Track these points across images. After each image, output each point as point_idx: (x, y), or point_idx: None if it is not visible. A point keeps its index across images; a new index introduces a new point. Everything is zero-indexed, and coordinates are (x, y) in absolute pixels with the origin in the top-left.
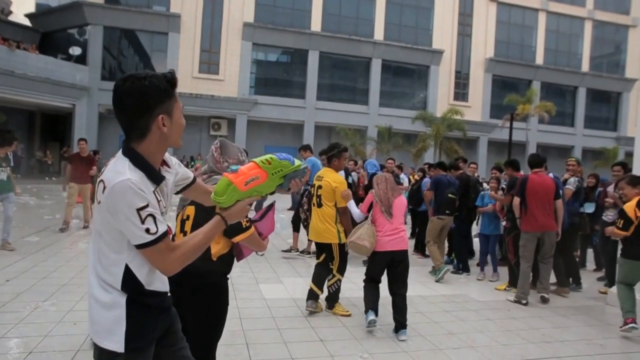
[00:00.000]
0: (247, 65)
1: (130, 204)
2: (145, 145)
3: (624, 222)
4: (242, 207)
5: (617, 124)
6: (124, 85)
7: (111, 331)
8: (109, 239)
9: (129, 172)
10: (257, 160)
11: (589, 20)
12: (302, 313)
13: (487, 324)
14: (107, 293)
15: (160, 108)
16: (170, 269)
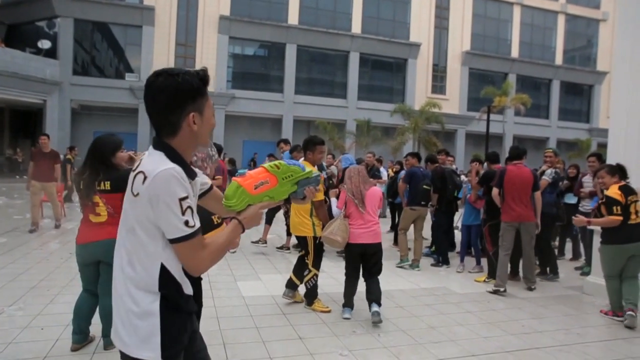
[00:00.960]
0: (223, 59)
1: (174, 192)
2: (176, 141)
3: (621, 207)
4: (255, 212)
5: (589, 116)
6: (156, 81)
7: (145, 340)
8: (144, 235)
9: (170, 163)
10: (266, 165)
11: (561, 14)
12: (281, 310)
13: (468, 317)
14: (139, 300)
15: (191, 105)
16: (201, 267)
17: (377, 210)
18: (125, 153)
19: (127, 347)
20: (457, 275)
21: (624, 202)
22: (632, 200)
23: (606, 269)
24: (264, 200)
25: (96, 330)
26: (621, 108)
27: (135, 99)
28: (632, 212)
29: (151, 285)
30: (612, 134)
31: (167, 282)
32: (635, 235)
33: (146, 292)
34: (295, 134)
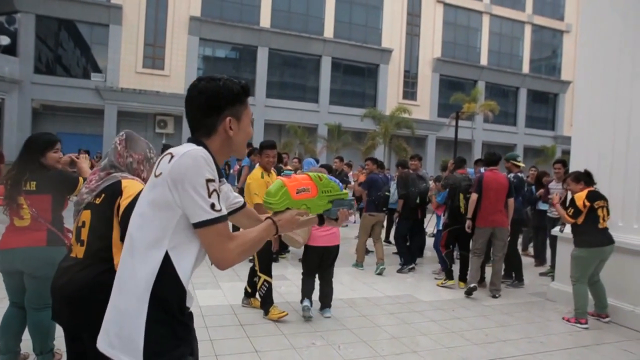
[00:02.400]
0: (193, 61)
1: (200, 172)
2: (209, 143)
3: (574, 211)
4: (292, 217)
5: (555, 124)
6: (199, 84)
7: (127, 341)
8: (154, 217)
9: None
10: (310, 174)
11: (528, 24)
12: (238, 321)
13: (431, 326)
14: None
15: (229, 110)
16: (227, 259)
17: None
18: (61, 154)
19: (108, 349)
20: (423, 282)
21: (586, 208)
22: (599, 205)
23: (578, 272)
24: (302, 208)
25: (27, 347)
26: (583, 116)
27: (101, 99)
28: (600, 216)
29: (147, 276)
30: (574, 141)
31: (167, 276)
32: (609, 239)
33: (138, 286)
34: (267, 138)
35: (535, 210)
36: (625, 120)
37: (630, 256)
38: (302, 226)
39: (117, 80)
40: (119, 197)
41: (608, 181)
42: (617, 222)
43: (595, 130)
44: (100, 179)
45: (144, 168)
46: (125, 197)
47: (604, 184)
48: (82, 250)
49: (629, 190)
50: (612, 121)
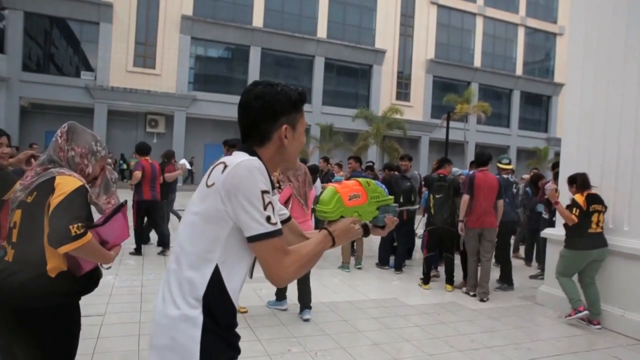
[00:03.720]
0: (185, 60)
1: (256, 184)
2: (261, 152)
3: (580, 212)
4: (348, 226)
5: (547, 126)
6: (255, 89)
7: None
8: (204, 229)
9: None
10: (360, 179)
11: (521, 26)
12: None
13: (415, 332)
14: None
15: (285, 117)
16: (285, 275)
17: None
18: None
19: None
20: (409, 284)
21: (585, 208)
22: (595, 209)
23: (563, 269)
24: (354, 215)
25: None
26: (573, 118)
27: (91, 98)
28: (593, 221)
29: (196, 289)
30: (564, 143)
31: (216, 291)
32: (598, 242)
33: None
34: None
35: (532, 213)
36: (617, 122)
37: (621, 259)
38: (355, 236)
39: (108, 79)
40: (51, 194)
41: (599, 183)
42: (607, 224)
43: (586, 132)
44: (36, 174)
45: (89, 162)
46: (57, 194)
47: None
48: (12, 253)
49: (620, 193)
50: (603, 123)
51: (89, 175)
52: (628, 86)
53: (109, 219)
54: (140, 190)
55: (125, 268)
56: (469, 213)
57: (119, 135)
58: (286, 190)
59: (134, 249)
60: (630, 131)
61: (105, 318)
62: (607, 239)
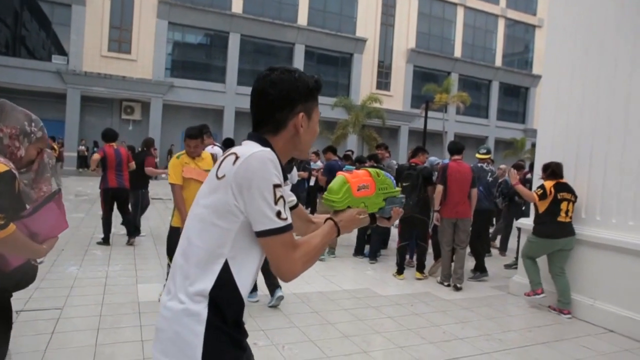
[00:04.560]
0: (162, 46)
1: (268, 177)
2: (274, 141)
3: (542, 192)
4: (353, 217)
5: (525, 117)
6: (271, 74)
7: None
8: (216, 225)
9: (266, 147)
10: (370, 170)
11: (502, 17)
12: None
13: (386, 323)
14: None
15: (302, 105)
16: (294, 270)
17: None
18: None
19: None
20: (384, 274)
21: (552, 195)
22: (563, 197)
23: (527, 251)
24: (360, 206)
25: None
26: (549, 110)
27: (63, 83)
28: (562, 209)
29: (203, 283)
30: (540, 134)
31: (226, 287)
32: (565, 232)
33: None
34: (238, 126)
35: (511, 203)
36: (592, 114)
37: (592, 249)
38: (358, 226)
39: (81, 64)
40: None
41: (573, 173)
42: (580, 215)
43: (562, 123)
44: None
45: (20, 144)
46: None
47: (569, 176)
48: None
49: (593, 183)
50: (579, 114)
51: (22, 159)
52: (603, 78)
53: (39, 208)
54: (106, 178)
55: (90, 258)
56: (444, 203)
57: (93, 122)
58: None
59: (102, 238)
60: (604, 123)
61: (63, 312)
62: (579, 228)
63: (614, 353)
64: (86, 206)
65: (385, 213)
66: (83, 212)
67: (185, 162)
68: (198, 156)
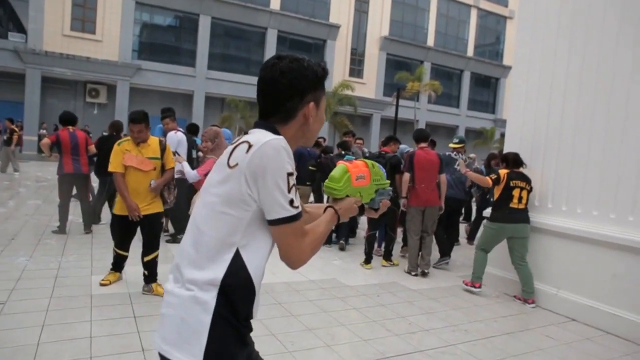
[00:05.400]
0: (129, 27)
1: (283, 166)
2: (284, 130)
3: (496, 177)
4: (351, 205)
5: (495, 107)
6: (279, 62)
7: (187, 339)
8: (227, 213)
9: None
10: (367, 161)
11: (474, 8)
12: (132, 312)
13: (352, 315)
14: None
15: (312, 95)
16: (304, 256)
17: None
18: None
19: (165, 346)
20: (351, 264)
21: (504, 181)
22: (516, 185)
23: (482, 241)
24: (356, 195)
25: None
26: (519, 100)
27: (21, 63)
28: (515, 195)
29: (214, 272)
30: (509, 124)
31: (238, 276)
32: (516, 218)
33: (204, 281)
34: (208, 111)
35: (484, 192)
36: (560, 105)
37: (557, 238)
38: (352, 215)
39: (41, 43)
40: None
41: (541, 163)
42: (546, 204)
43: (530, 113)
44: None
45: None
46: None
47: (537, 166)
48: None
49: (560, 172)
50: (547, 105)
51: None
52: (571, 70)
53: None
54: (61, 163)
55: (43, 248)
56: (412, 191)
57: (56, 105)
58: (210, 162)
59: (57, 226)
60: (571, 114)
61: (5, 307)
62: (545, 218)
63: (576, 342)
64: (45, 192)
65: (375, 204)
66: (40, 198)
67: (126, 149)
68: (143, 142)
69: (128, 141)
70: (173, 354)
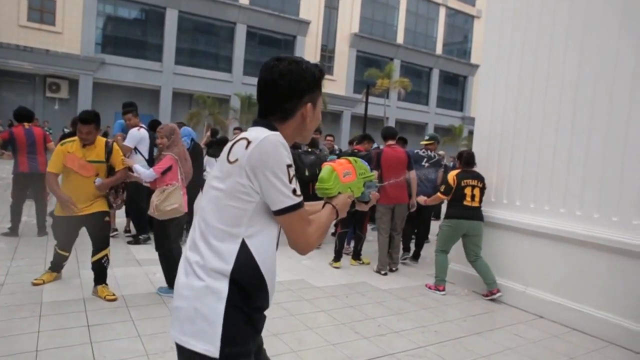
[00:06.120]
0: (92, 18)
1: (281, 159)
2: (282, 128)
3: (445, 188)
4: (345, 200)
5: (463, 105)
6: (279, 65)
7: (203, 327)
8: (231, 207)
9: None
10: (350, 158)
11: (443, 6)
12: (86, 321)
13: (320, 318)
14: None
15: (309, 95)
16: (312, 241)
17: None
18: None
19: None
20: (320, 264)
21: (454, 185)
22: (467, 184)
23: (441, 242)
24: (348, 191)
25: None
26: (487, 98)
27: None
28: (467, 194)
29: (224, 262)
30: (478, 122)
31: (247, 267)
32: (470, 215)
33: (215, 271)
34: (175, 107)
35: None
36: (527, 102)
37: (525, 236)
38: (349, 199)
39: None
40: None
41: (509, 161)
42: (515, 202)
43: (498, 112)
44: None
45: None
46: None
47: (505, 163)
48: None
49: (528, 170)
50: (515, 103)
51: None
52: (538, 69)
53: None
54: (17, 162)
55: None
56: (381, 189)
57: (13, 100)
58: (167, 159)
59: (9, 228)
60: (539, 111)
61: None
62: (513, 215)
63: (543, 340)
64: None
65: (365, 197)
66: None
67: (68, 151)
68: (90, 144)
69: (73, 142)
70: (191, 343)
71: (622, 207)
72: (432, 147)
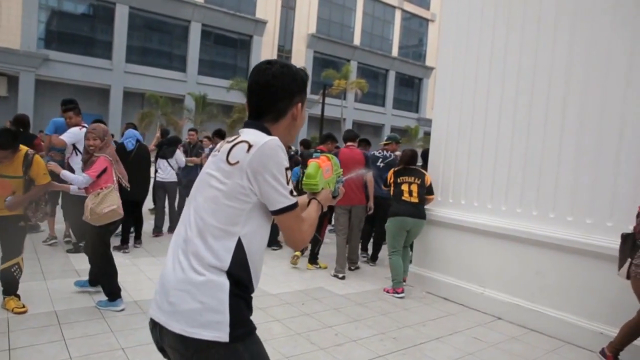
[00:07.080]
0: (33, 12)
1: (280, 162)
2: (274, 128)
3: (384, 183)
4: (327, 195)
5: (418, 107)
6: (272, 68)
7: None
8: (229, 206)
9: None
10: (328, 155)
11: (399, 9)
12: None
13: (275, 328)
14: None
15: (299, 96)
16: (306, 237)
17: None
18: None
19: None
20: (274, 269)
21: (391, 181)
22: (403, 181)
23: (390, 243)
24: (327, 187)
25: None
26: (444, 101)
27: None
28: (405, 190)
29: (223, 260)
30: (435, 125)
31: (240, 262)
32: (412, 212)
33: (213, 267)
34: (127, 107)
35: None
36: (483, 105)
37: (482, 237)
38: (329, 204)
39: None
40: None
41: (467, 162)
42: (472, 203)
43: (455, 113)
44: None
45: None
46: None
47: (462, 165)
48: None
49: (485, 171)
50: (472, 106)
51: None
52: (493, 72)
53: None
54: None
55: None
56: None
57: None
58: (102, 161)
59: None
60: (495, 114)
61: None
62: (468, 216)
63: (502, 342)
64: None
65: (336, 192)
66: None
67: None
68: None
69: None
70: (201, 334)
71: (576, 207)
72: (391, 147)
